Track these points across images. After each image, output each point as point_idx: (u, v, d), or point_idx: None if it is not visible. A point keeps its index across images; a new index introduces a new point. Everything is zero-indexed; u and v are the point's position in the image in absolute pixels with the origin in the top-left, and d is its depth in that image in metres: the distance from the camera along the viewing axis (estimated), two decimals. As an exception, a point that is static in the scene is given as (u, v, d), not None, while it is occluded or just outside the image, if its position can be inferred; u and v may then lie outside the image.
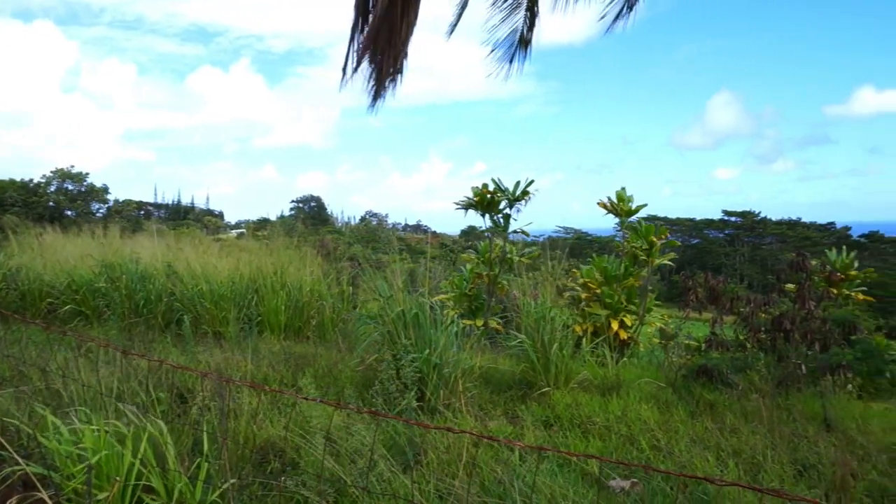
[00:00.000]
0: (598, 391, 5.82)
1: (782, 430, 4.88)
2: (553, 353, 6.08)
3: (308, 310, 9.22)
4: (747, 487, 1.83)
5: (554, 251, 9.97)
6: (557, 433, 4.82)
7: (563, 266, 10.55)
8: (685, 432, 4.77)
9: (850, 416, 5.40)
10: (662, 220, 70.97)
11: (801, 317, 6.10)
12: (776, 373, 6.07)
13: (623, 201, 8.72)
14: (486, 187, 9.42)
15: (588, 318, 8.24)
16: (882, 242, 60.46)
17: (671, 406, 5.43)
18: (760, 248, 62.75)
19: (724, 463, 4.24)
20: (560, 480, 3.70)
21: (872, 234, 61.60)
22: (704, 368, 6.14)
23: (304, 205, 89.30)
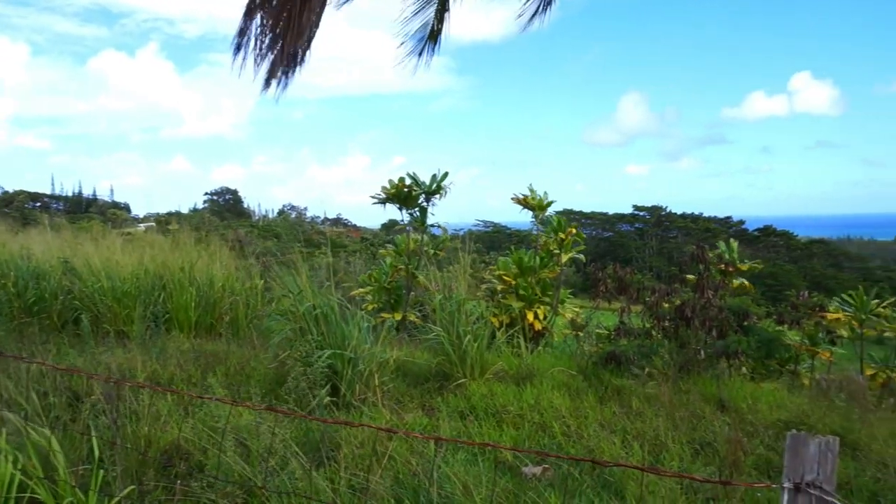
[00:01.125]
0: (512, 381, 5.94)
1: (682, 412, 5.17)
2: (468, 344, 6.16)
3: (220, 306, 8.89)
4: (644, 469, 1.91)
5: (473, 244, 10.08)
6: (473, 423, 4.88)
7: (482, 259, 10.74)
8: (594, 417, 4.96)
9: (742, 397, 5.80)
10: (577, 214, 73.43)
11: (700, 305, 6.48)
12: (678, 358, 6.42)
13: (535, 197, 8.94)
14: (402, 181, 9.41)
15: (504, 310, 8.40)
16: (774, 235, 65.21)
17: (582, 393, 5.63)
18: (667, 240, 66.26)
19: (629, 445, 4.44)
20: (475, 469, 3.75)
21: (766, 228, 66.33)
22: (613, 356, 6.40)
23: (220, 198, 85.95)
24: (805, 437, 1.41)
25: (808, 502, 1.37)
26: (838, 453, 4.26)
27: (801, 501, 1.38)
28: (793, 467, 1.41)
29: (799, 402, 5.56)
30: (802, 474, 1.38)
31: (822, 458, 1.39)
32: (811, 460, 1.39)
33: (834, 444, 1.43)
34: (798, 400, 5.77)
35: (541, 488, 3.65)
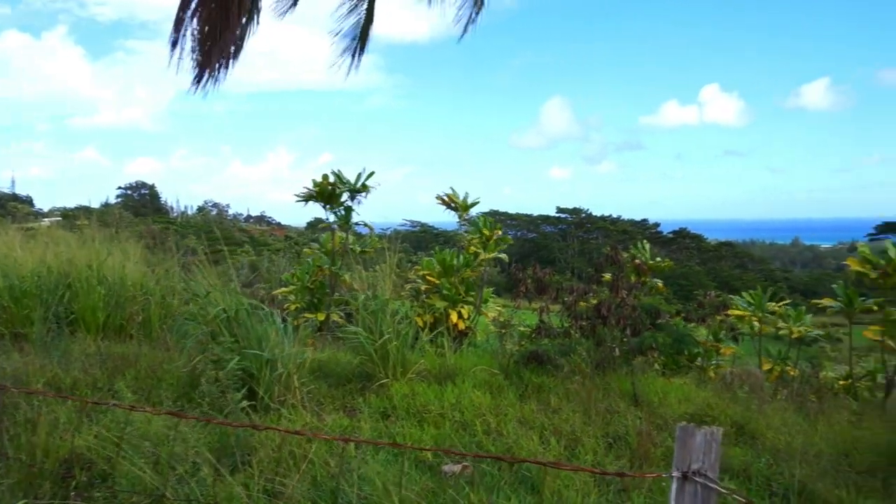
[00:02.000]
0: (435, 380, 5.97)
1: (598, 408, 5.35)
2: (391, 344, 6.14)
3: (131, 306, 8.44)
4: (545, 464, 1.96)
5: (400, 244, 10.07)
6: (394, 423, 4.87)
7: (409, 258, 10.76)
8: (514, 415, 5.06)
9: (654, 391, 6.07)
10: (504, 215, 74.68)
11: (615, 304, 6.73)
12: (595, 356, 6.65)
13: (458, 197, 9.03)
14: (326, 179, 9.27)
15: (428, 310, 8.42)
16: (687, 238, 68.75)
17: (503, 391, 5.73)
18: (588, 242, 68.53)
19: (546, 441, 4.56)
20: (394, 469, 3.74)
21: (680, 231, 69.83)
22: (535, 354, 6.55)
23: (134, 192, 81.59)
24: (692, 428, 1.50)
25: (694, 489, 1.46)
26: (738, 442, 4.52)
27: (688, 489, 1.47)
28: (681, 457, 1.50)
29: (704, 396, 5.89)
30: (689, 463, 1.47)
31: (706, 448, 1.49)
32: (697, 450, 1.48)
33: (717, 434, 1.52)
34: (704, 393, 6.10)
35: (460, 486, 3.68)
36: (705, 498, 1.45)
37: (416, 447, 2.96)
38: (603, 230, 67.44)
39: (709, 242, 69.41)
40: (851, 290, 8.26)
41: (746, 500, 1.58)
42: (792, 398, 6.61)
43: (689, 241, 67.93)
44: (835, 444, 4.78)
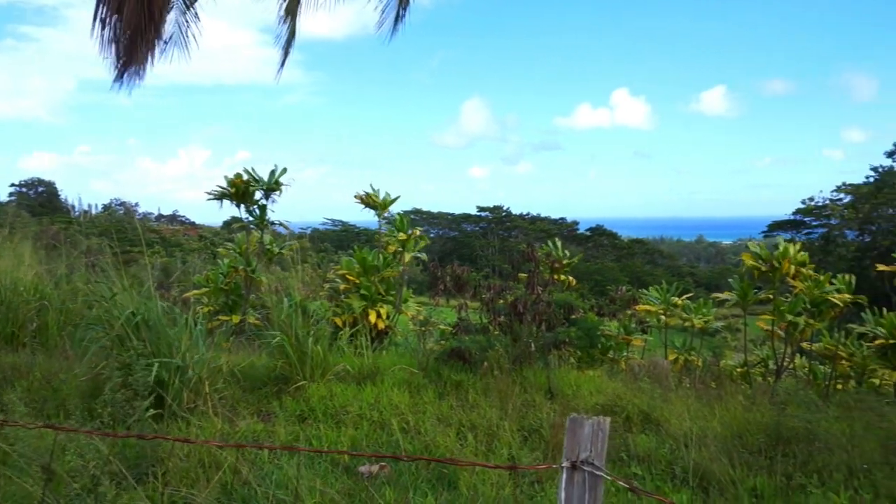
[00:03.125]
0: (354, 381, 5.92)
1: (515, 402, 5.48)
2: (309, 346, 6.04)
3: (25, 312, 7.86)
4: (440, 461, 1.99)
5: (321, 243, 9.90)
6: (311, 426, 4.80)
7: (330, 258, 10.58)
8: (432, 412, 5.10)
9: (568, 384, 6.28)
10: (425, 213, 75.02)
11: (531, 301, 6.91)
12: (513, 351, 6.80)
13: (377, 196, 8.99)
14: (239, 177, 8.99)
15: (347, 310, 8.34)
16: (602, 235, 71.45)
17: (422, 389, 5.76)
18: (508, 240, 69.91)
19: (464, 436, 4.63)
20: (310, 472, 3.69)
21: (595, 229, 72.47)
22: (454, 351, 6.62)
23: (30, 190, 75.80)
24: (581, 419, 1.57)
25: (582, 478, 1.53)
26: (644, 429, 4.74)
27: (577, 478, 1.54)
28: (570, 447, 1.57)
29: (614, 387, 6.15)
30: (578, 453, 1.54)
31: (594, 438, 1.57)
32: (586, 440, 1.55)
33: (605, 424, 1.61)
34: (614, 385, 6.37)
35: (377, 486, 3.68)
36: (592, 485, 1.53)
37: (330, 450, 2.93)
38: (522, 228, 69.01)
39: (622, 240, 72.47)
40: (746, 284, 8.85)
41: (629, 486, 1.66)
42: (694, 386, 7.01)
43: (605, 238, 70.67)
44: (730, 427, 5.11)
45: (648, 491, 3.47)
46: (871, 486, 3.93)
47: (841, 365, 8.35)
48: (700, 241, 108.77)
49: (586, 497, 1.51)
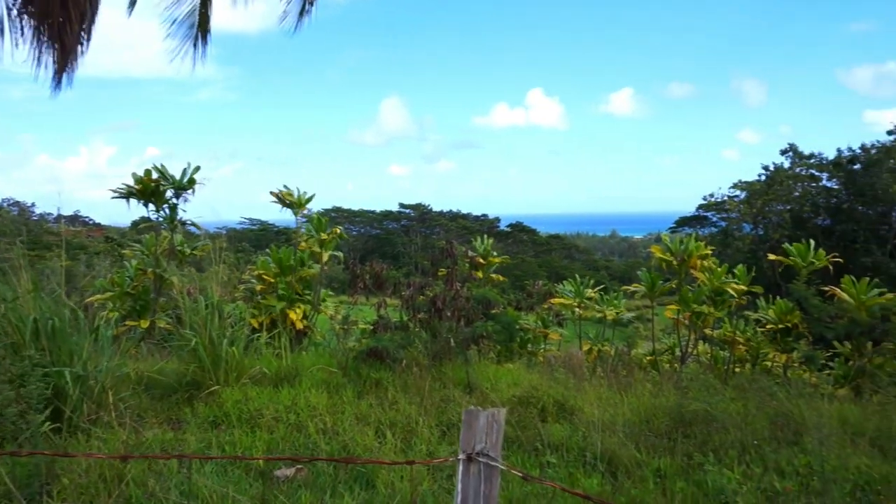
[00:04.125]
0: (270, 383, 5.79)
1: (433, 398, 5.53)
2: (224, 349, 5.85)
3: None
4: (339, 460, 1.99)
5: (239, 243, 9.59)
6: (225, 432, 4.65)
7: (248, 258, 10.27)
8: (351, 412, 5.06)
9: (486, 378, 6.40)
10: (347, 212, 74.06)
11: (450, 297, 6.98)
12: (432, 347, 6.85)
13: (293, 194, 8.81)
14: (148, 174, 8.56)
15: (264, 311, 8.13)
16: (522, 232, 73.04)
17: (341, 389, 5.70)
18: (431, 237, 70.22)
19: (383, 434, 4.62)
20: (222, 480, 3.58)
21: (516, 225, 73.99)
22: (373, 350, 6.59)
23: None
24: (476, 412, 1.62)
25: (478, 469, 1.58)
26: (559, 418, 4.89)
27: (473, 469, 1.59)
28: (466, 440, 1.61)
29: (531, 379, 6.31)
30: (474, 445, 1.59)
31: (489, 429, 1.61)
32: (481, 432, 1.60)
33: (499, 415, 1.66)
34: (531, 376, 6.54)
35: (293, 490, 3.62)
36: (488, 475, 1.58)
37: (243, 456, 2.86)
38: (444, 226, 69.49)
39: (541, 236, 74.39)
40: (654, 275, 9.32)
41: (522, 474, 1.73)
42: (607, 375, 7.31)
43: (524, 234, 72.26)
44: (638, 412, 5.37)
45: (540, 478, 3.59)
46: (761, 460, 4.25)
47: (738, 349, 8.95)
48: (614, 236, 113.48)
49: (482, 487, 1.55)
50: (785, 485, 3.80)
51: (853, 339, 7.82)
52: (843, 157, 32.34)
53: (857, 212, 30.79)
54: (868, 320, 7.78)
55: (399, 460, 2.85)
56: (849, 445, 4.39)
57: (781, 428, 4.86)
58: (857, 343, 7.79)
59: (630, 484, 3.90)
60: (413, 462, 1.97)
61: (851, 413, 5.20)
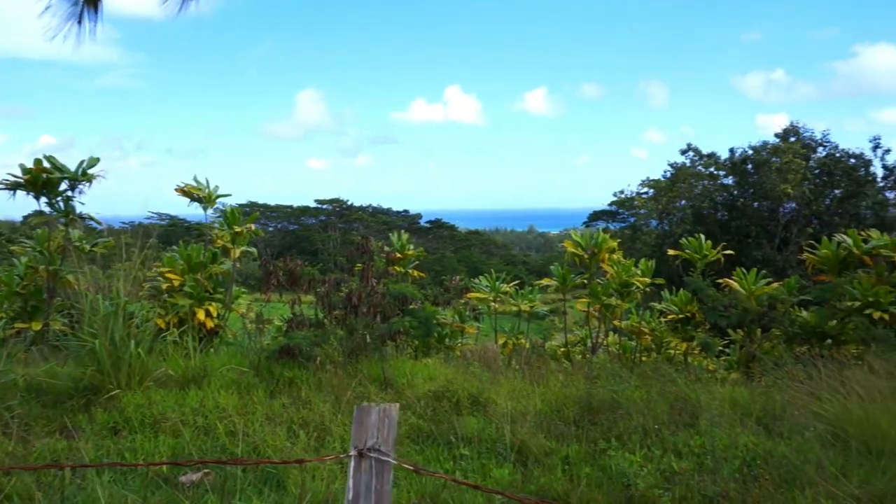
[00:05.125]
0: (177, 385, 5.55)
1: (349, 395, 5.48)
2: (127, 351, 5.54)
3: None
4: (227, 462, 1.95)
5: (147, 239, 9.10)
6: (126, 438, 4.42)
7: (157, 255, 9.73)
8: (262, 412, 4.93)
9: (402, 374, 6.40)
10: (262, 206, 71.80)
11: (366, 293, 6.94)
12: (348, 344, 6.79)
13: (203, 187, 8.46)
14: (39, 164, 7.96)
15: (171, 309, 7.77)
16: (442, 227, 73.51)
17: (252, 389, 5.54)
18: (351, 232, 69.34)
19: (295, 434, 4.54)
20: (120, 490, 3.40)
21: (435, 221, 74.36)
22: (286, 348, 6.45)
23: None
24: (368, 407, 1.63)
25: (370, 465, 1.59)
26: (473, 412, 4.96)
27: (364, 465, 1.59)
28: (358, 436, 1.62)
29: (447, 373, 6.38)
30: (365, 441, 1.60)
31: (381, 425, 1.63)
32: (373, 427, 1.61)
33: (392, 410, 1.67)
34: (447, 371, 6.61)
35: (199, 495, 3.49)
36: (379, 471, 1.59)
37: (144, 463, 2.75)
38: (364, 221, 68.82)
39: (460, 231, 75.15)
40: (566, 270, 9.63)
41: (413, 467, 1.75)
42: (521, 367, 7.50)
43: (444, 230, 72.75)
44: (550, 402, 5.55)
45: (431, 470, 3.65)
46: (661, 443, 4.49)
47: (644, 339, 9.42)
48: (531, 231, 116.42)
49: (374, 483, 1.56)
50: (681, 465, 4.04)
51: (744, 327, 8.40)
52: (737, 157, 34.66)
53: (750, 208, 33.08)
54: (757, 309, 8.39)
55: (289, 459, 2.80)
56: (738, 425, 4.72)
57: (680, 412, 5.16)
58: (748, 330, 8.38)
59: (539, 472, 4.03)
60: (303, 461, 1.94)
61: (741, 395, 5.58)
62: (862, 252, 8.34)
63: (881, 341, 7.20)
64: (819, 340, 7.99)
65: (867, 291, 7.80)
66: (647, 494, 3.63)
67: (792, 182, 31.20)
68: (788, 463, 3.96)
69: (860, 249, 8.34)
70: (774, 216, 32.52)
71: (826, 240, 8.83)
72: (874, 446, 4.19)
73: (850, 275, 8.34)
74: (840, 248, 8.52)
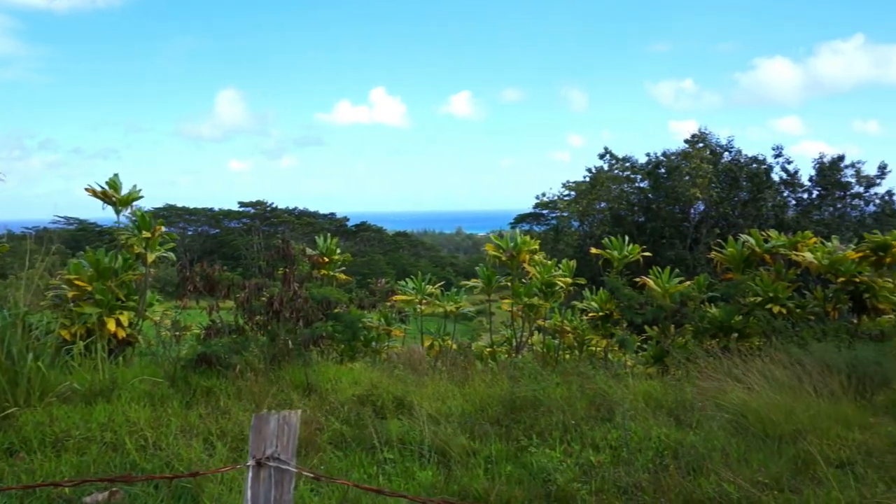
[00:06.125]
0: (83, 400, 5.23)
1: (270, 403, 5.34)
2: (25, 365, 5.17)
3: None
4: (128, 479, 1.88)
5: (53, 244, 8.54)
6: (23, 459, 4.12)
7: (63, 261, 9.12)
8: (177, 424, 4.72)
9: (327, 379, 6.30)
10: (181, 210, 68.90)
11: (288, 297, 6.78)
12: (270, 351, 6.61)
13: (116, 189, 8.03)
14: (-78, 166, 7.31)
15: (78, 319, 7.31)
16: (369, 230, 72.94)
17: (166, 400, 5.30)
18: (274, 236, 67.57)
19: (212, 446, 4.37)
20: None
21: (362, 224, 73.69)
22: (204, 356, 6.21)
23: None
24: (267, 416, 1.60)
25: (268, 474, 1.56)
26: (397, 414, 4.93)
27: (263, 475, 1.57)
28: (256, 445, 1.59)
29: (371, 377, 6.33)
30: (264, 449, 1.57)
31: (280, 433, 1.60)
32: (271, 436, 1.59)
33: (291, 417, 1.65)
34: (372, 374, 6.56)
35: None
36: (279, 480, 1.56)
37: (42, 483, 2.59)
38: (289, 224, 67.23)
39: (388, 233, 74.83)
40: (490, 271, 9.77)
41: (314, 474, 1.73)
42: (447, 368, 7.54)
43: (372, 232, 72.21)
44: (474, 403, 5.60)
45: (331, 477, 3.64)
46: (581, 438, 4.63)
47: (567, 337, 9.69)
48: (459, 233, 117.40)
49: (273, 493, 1.53)
50: (599, 458, 4.18)
51: (659, 323, 8.80)
52: (651, 161, 36.36)
53: (664, 210, 34.75)
54: (671, 306, 8.81)
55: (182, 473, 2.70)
56: (651, 417, 4.93)
57: (598, 407, 5.34)
58: (663, 326, 8.78)
59: (462, 472, 4.06)
60: (197, 473, 1.87)
61: (655, 389, 5.84)
62: (763, 251, 8.92)
63: (780, 333, 7.72)
64: (726, 334, 8.47)
65: (767, 287, 8.35)
66: (566, 488, 3.73)
67: (701, 186, 33.00)
68: (696, 452, 4.17)
69: (761, 248, 8.92)
70: (686, 218, 34.28)
71: (732, 240, 9.40)
72: (771, 432, 4.48)
73: (752, 272, 8.90)
74: (744, 248, 9.09)
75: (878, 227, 23.66)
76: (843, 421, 4.64)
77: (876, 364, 6.05)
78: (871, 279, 8.14)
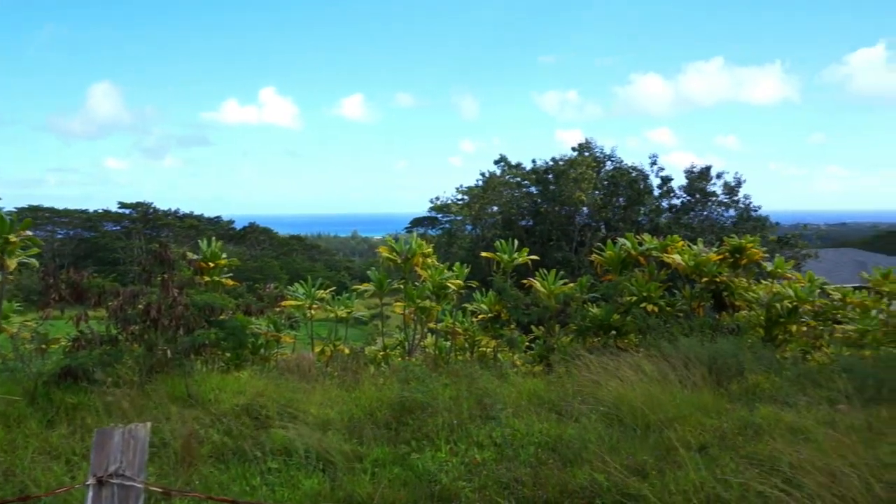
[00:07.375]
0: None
1: (145, 417, 5.03)
2: None
3: None
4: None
5: None
6: None
7: None
8: (36, 445, 4.33)
9: (210, 389, 6.02)
10: (49, 210, 63.10)
11: (167, 305, 6.41)
12: (147, 361, 6.22)
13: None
14: None
15: (-84, 334, 6.52)
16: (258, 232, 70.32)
17: (24, 420, 4.85)
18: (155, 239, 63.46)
19: (76, 467, 4.06)
20: None
21: (249, 226, 70.90)
22: (68, 370, 5.74)
23: None
24: (110, 430, 1.53)
25: (111, 493, 1.49)
26: (283, 422, 4.78)
27: (105, 493, 1.49)
28: (98, 462, 1.51)
29: (258, 385, 6.12)
30: (106, 467, 1.49)
31: (125, 447, 1.54)
32: (115, 451, 1.51)
33: (139, 431, 1.59)
34: (258, 383, 6.34)
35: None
36: (124, 497, 1.49)
37: None
38: (171, 227, 63.42)
39: (279, 236, 72.55)
40: (383, 275, 9.77)
41: (162, 489, 1.68)
42: (338, 374, 7.44)
43: (261, 235, 69.68)
44: (364, 407, 5.58)
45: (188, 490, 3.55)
46: (467, 437, 4.74)
47: (459, 339, 9.87)
48: (354, 237, 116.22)
49: None
50: (483, 455, 4.30)
51: (545, 323, 9.18)
52: (539, 167, 37.92)
53: (552, 214, 36.30)
54: (556, 306, 9.22)
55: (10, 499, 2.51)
56: (534, 413, 5.14)
57: (485, 406, 5.48)
58: (548, 326, 9.17)
59: (348, 478, 4.03)
60: (28, 497, 1.74)
61: (539, 386, 6.09)
62: (638, 253, 9.55)
63: (653, 330, 8.31)
64: (606, 332, 8.99)
65: (642, 287, 8.95)
66: (450, 487, 3.81)
67: (585, 191, 34.81)
68: (574, 444, 4.39)
69: (636, 251, 9.55)
70: (572, 221, 35.99)
71: (610, 243, 9.99)
72: (641, 422, 4.81)
73: (628, 273, 9.51)
74: (621, 251, 9.69)
75: (735, 231, 26.11)
76: (703, 409, 5.07)
77: (732, 356, 6.67)
78: (730, 279, 8.96)
